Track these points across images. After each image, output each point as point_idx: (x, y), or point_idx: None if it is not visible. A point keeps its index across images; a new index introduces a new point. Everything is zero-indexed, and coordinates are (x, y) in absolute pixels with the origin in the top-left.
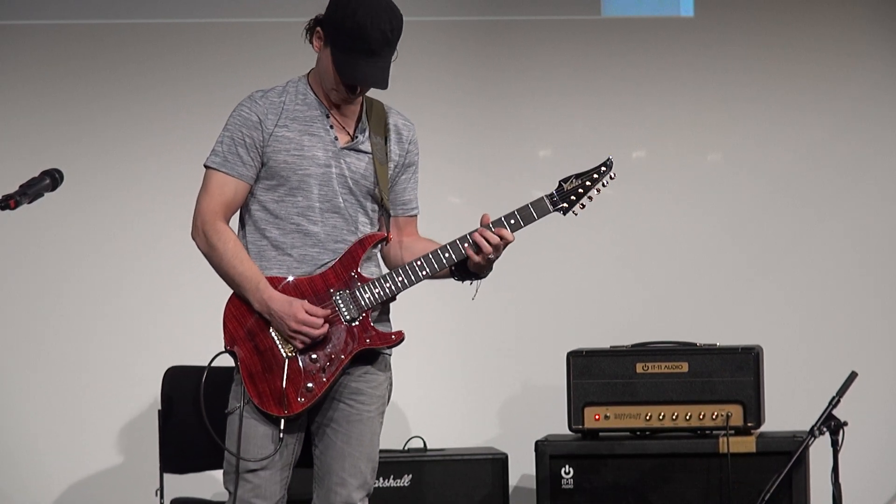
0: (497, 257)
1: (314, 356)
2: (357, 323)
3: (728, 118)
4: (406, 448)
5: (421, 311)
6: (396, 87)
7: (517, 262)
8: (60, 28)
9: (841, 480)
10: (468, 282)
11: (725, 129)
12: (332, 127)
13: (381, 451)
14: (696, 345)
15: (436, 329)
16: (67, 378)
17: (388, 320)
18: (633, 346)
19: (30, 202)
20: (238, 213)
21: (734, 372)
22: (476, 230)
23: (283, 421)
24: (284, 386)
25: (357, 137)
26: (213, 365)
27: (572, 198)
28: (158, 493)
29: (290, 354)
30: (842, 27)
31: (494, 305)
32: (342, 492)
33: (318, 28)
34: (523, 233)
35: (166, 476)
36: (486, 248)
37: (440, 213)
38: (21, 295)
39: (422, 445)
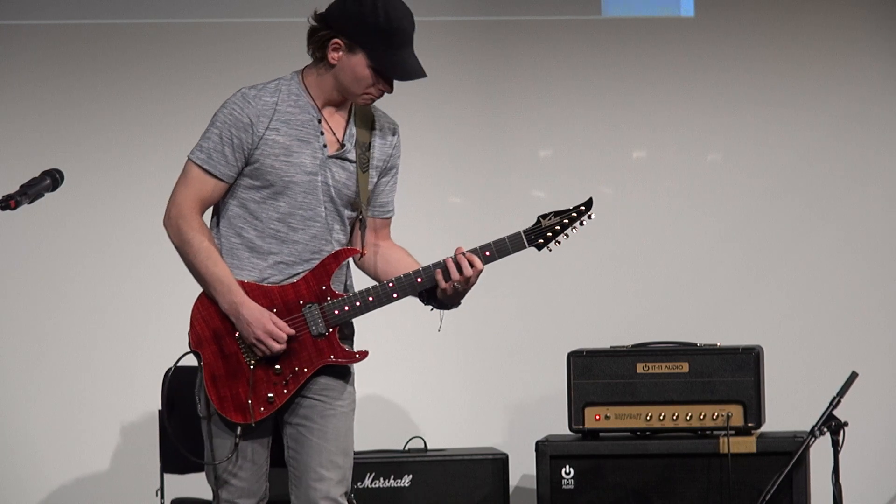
0: (466, 289)
1: (278, 367)
2: (323, 338)
3: (728, 118)
4: (406, 448)
5: (421, 311)
6: (395, 86)
7: (517, 262)
8: (60, 28)
9: (841, 481)
10: (431, 307)
11: (725, 129)
12: (322, 133)
13: (381, 452)
14: (696, 345)
15: (436, 328)
16: (68, 378)
17: (352, 335)
18: (633, 346)
19: (30, 202)
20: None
21: (735, 372)
22: (449, 257)
23: (239, 427)
24: (247, 394)
25: (345, 145)
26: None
27: (549, 234)
28: (158, 493)
29: (253, 363)
30: (842, 27)
31: (495, 306)
32: (321, 487)
33: (336, 39)
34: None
35: (166, 476)
36: (455, 274)
37: (440, 213)
38: (21, 295)
39: (422, 445)
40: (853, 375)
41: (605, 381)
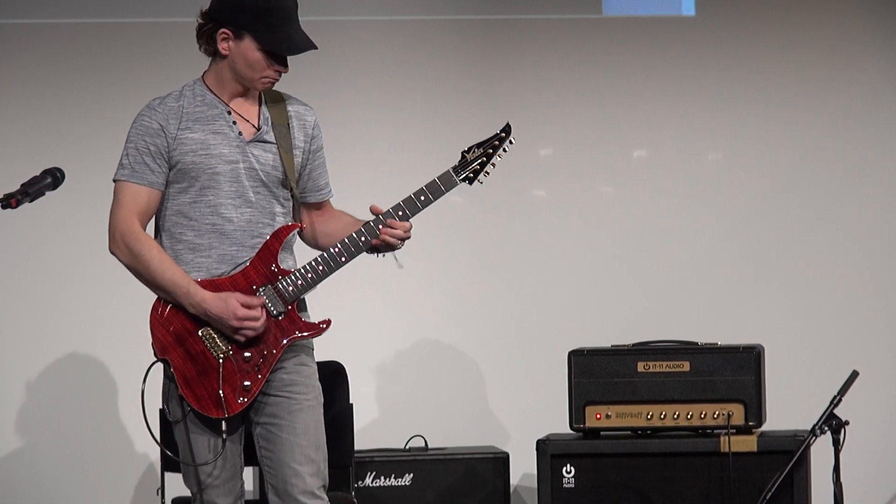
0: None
1: (247, 354)
2: (283, 316)
3: (728, 118)
4: (407, 447)
5: (422, 309)
6: (396, 86)
7: (518, 261)
8: (60, 28)
9: (842, 479)
10: (377, 255)
11: (725, 129)
12: (234, 122)
13: (382, 451)
14: (697, 344)
15: (437, 328)
16: (67, 377)
17: (306, 309)
18: (634, 345)
19: (31, 201)
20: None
21: (735, 371)
22: (385, 218)
23: (223, 423)
24: (222, 388)
25: (261, 129)
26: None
27: (476, 167)
28: (159, 492)
29: (221, 357)
30: (842, 27)
31: (496, 304)
32: (298, 483)
33: (223, 30)
34: (525, 232)
35: (167, 475)
36: (396, 233)
37: (441, 213)
38: (22, 294)
39: (423, 444)
40: (854, 374)
41: (606, 380)
